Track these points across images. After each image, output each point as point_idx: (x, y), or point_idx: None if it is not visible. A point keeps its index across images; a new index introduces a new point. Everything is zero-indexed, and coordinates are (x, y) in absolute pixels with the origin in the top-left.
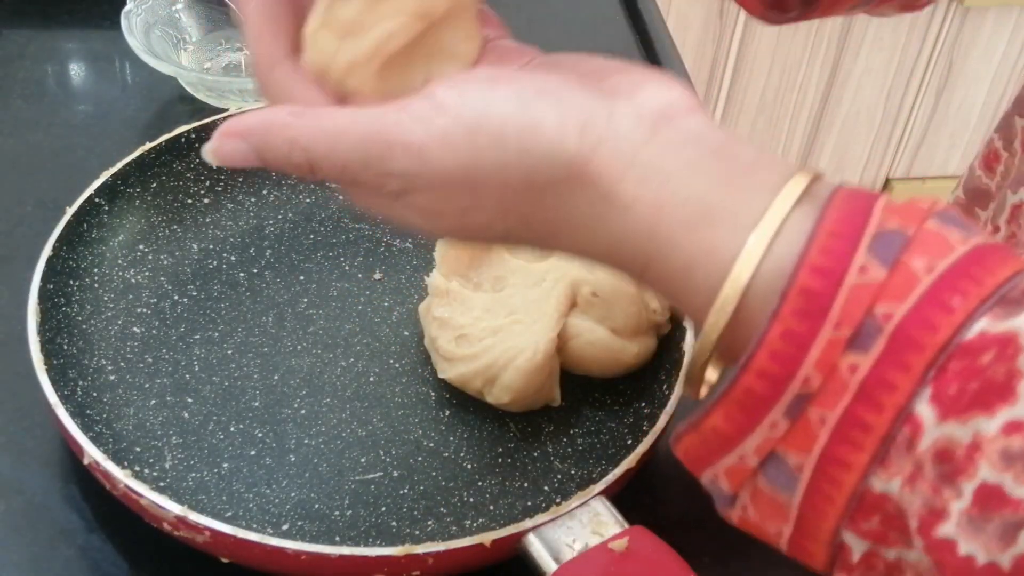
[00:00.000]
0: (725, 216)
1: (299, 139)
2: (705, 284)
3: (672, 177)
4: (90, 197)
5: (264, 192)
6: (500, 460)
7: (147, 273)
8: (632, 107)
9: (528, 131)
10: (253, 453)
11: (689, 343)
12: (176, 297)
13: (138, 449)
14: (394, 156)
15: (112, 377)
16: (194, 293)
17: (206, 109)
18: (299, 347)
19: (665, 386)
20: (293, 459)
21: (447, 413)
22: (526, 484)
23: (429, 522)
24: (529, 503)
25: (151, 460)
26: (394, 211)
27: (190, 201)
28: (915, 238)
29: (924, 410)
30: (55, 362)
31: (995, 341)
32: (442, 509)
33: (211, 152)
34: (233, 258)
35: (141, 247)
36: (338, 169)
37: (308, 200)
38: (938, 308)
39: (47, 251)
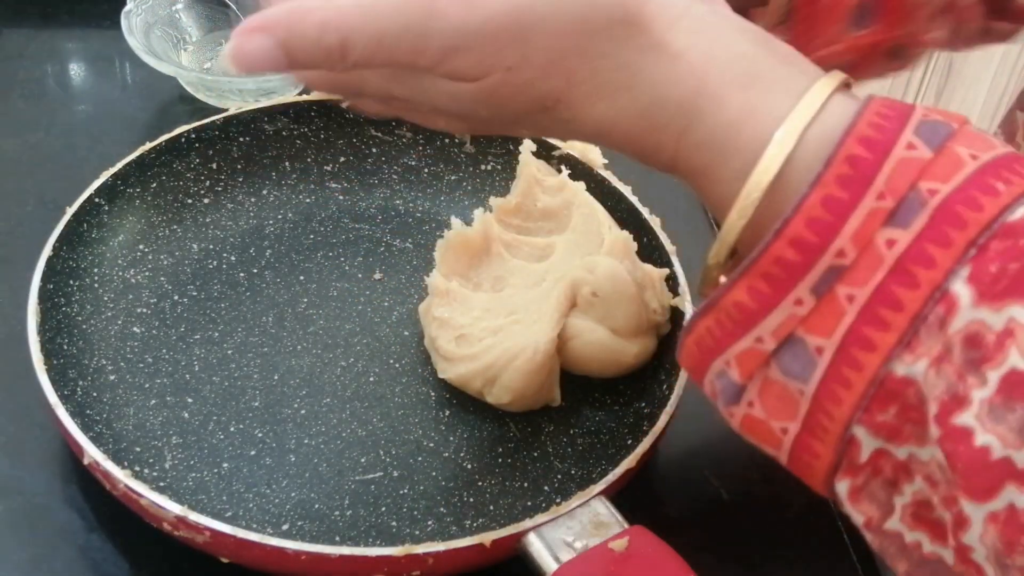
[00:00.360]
0: (775, 81)
1: (331, 18)
2: (749, 147)
3: (723, 34)
4: (90, 197)
5: (264, 192)
6: (500, 460)
7: (147, 273)
8: None
9: None
10: (253, 453)
11: None
12: (176, 297)
13: (138, 449)
14: (437, 9)
15: (112, 377)
16: (194, 293)
17: (206, 109)
18: (299, 347)
19: (665, 386)
20: (293, 459)
21: (447, 413)
22: (526, 484)
23: (429, 522)
24: (529, 503)
25: (151, 460)
26: (429, 90)
27: (190, 201)
28: (959, 131)
29: (961, 289)
30: (55, 362)
31: None
32: (442, 509)
33: (232, 55)
34: (233, 258)
35: (141, 247)
36: (374, 42)
37: (308, 200)
38: (983, 190)
39: (47, 251)
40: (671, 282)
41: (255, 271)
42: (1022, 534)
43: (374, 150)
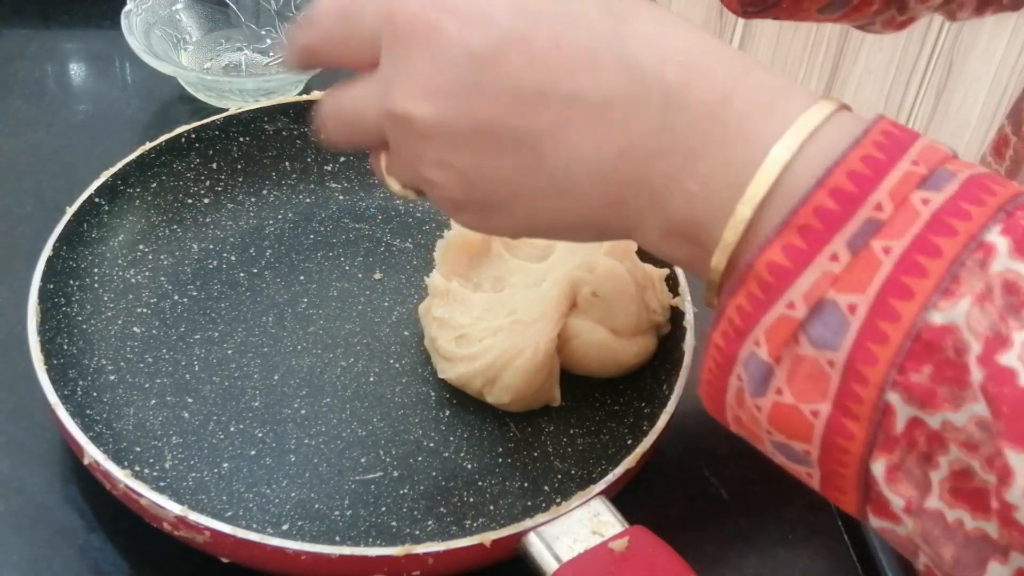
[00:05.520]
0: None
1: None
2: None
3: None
4: (90, 197)
5: (264, 192)
6: (500, 460)
7: (147, 273)
8: None
9: None
10: (253, 453)
11: (689, 343)
12: (176, 297)
13: (138, 449)
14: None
15: (112, 377)
16: (194, 293)
17: (206, 109)
18: (299, 347)
19: (665, 386)
20: (293, 459)
21: (447, 413)
22: (526, 484)
23: (429, 522)
24: (529, 503)
25: (151, 460)
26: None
27: (190, 201)
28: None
29: (997, 239)
30: (55, 362)
31: None
32: (442, 509)
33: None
34: (233, 258)
35: (141, 247)
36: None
37: (308, 200)
38: (999, 182)
39: (47, 251)
40: (671, 282)
41: (255, 271)
42: None
43: None
